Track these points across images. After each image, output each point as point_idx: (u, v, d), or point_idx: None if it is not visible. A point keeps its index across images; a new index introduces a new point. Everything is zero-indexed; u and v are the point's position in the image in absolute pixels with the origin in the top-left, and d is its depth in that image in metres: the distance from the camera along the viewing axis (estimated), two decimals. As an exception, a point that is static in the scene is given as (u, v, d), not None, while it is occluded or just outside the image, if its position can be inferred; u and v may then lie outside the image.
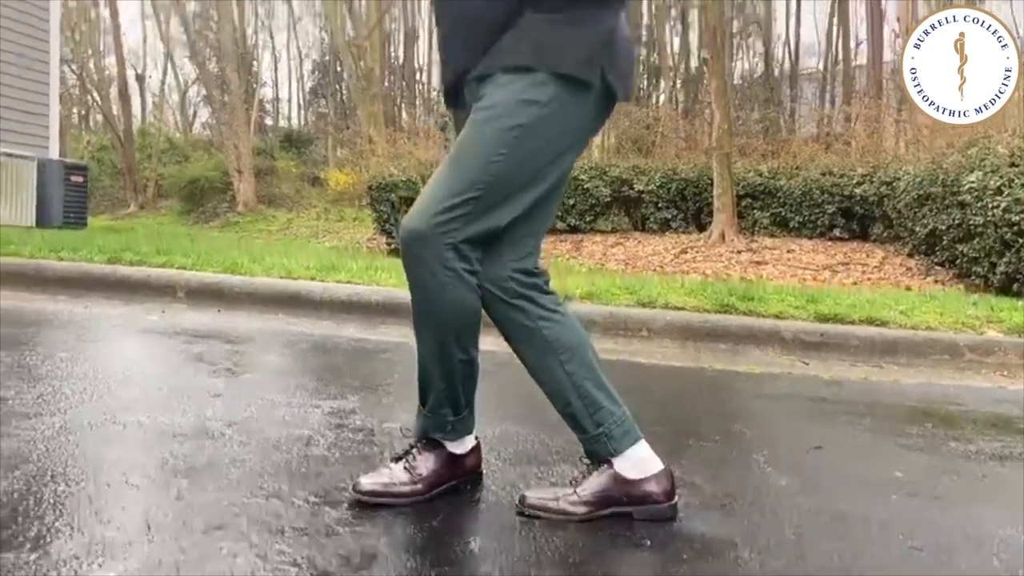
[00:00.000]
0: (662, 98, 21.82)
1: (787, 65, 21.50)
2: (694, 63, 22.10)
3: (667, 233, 11.97)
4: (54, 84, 9.31)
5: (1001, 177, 7.19)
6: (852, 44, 17.88)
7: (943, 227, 7.94)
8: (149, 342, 3.57)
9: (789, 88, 19.93)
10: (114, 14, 22.87)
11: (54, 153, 9.39)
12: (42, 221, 8.62)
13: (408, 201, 12.56)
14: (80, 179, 9.22)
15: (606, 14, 1.57)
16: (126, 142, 21.27)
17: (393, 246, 13.07)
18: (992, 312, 4.92)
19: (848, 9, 18.97)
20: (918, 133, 11.12)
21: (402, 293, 4.80)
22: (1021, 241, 6.96)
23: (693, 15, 22.07)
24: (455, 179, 1.51)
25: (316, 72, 32.97)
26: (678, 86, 21.84)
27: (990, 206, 7.19)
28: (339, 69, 27.27)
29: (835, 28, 20.14)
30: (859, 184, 10.02)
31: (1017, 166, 7.24)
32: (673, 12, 22.71)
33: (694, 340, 4.46)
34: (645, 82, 22.87)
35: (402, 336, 4.10)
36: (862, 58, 18.97)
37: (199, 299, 4.66)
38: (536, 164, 1.55)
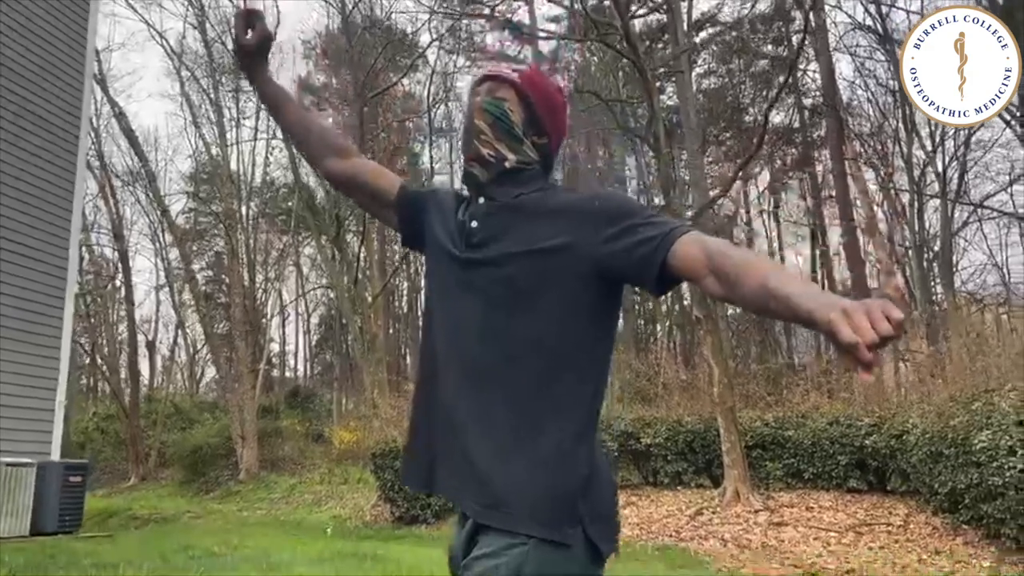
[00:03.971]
0: (659, 340, 22.27)
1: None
2: (687, 300, 22.81)
3: (679, 488, 11.71)
4: (61, 388, 9.46)
5: (1011, 437, 7.08)
6: (839, 287, 18.60)
7: (962, 486, 7.70)
8: None
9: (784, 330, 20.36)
10: (128, 288, 23.97)
11: (55, 454, 9.33)
12: (36, 529, 8.38)
13: (412, 467, 12.43)
14: (79, 479, 9.08)
15: (580, 450, 1.54)
16: (132, 414, 21.40)
17: (398, 514, 12.74)
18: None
19: (829, 253, 19.98)
20: (919, 372, 11.17)
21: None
22: (1046, 503, 6.72)
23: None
24: None
25: (322, 326, 33.92)
26: (675, 332, 22.37)
27: (1006, 467, 7.03)
28: (344, 323, 28.12)
29: (819, 271, 21.04)
30: (868, 435, 9.88)
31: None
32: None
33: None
34: (642, 326, 23.47)
35: None
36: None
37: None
38: None
